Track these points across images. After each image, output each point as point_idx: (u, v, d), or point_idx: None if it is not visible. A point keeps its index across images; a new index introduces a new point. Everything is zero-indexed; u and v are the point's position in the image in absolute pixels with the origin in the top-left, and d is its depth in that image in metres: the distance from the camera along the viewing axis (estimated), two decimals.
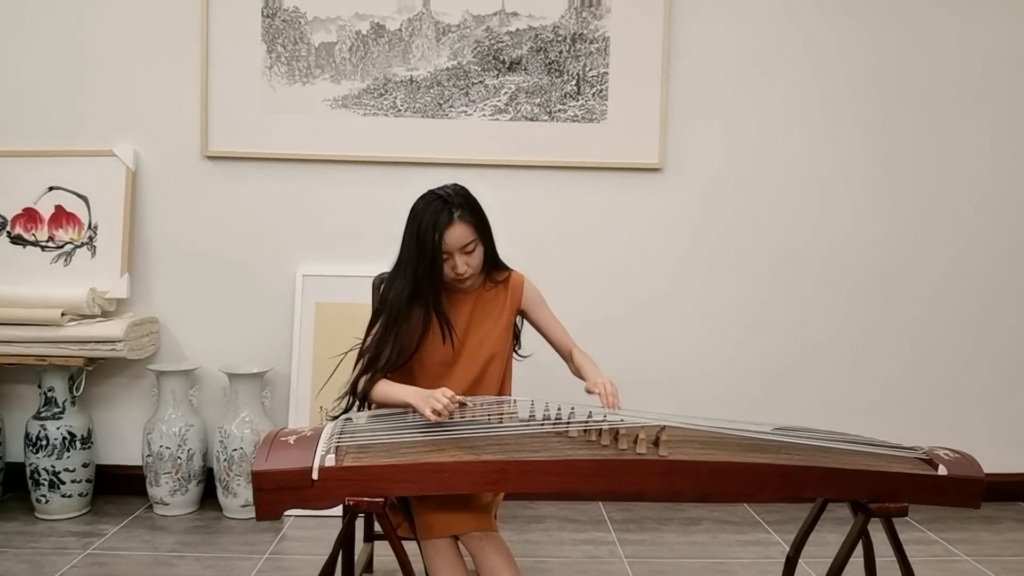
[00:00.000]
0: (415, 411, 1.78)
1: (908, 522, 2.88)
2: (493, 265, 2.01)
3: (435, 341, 1.94)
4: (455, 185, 1.94)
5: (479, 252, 1.92)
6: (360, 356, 1.95)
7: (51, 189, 2.96)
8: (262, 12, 2.94)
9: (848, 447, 1.78)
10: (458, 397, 1.78)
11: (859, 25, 3.05)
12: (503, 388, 2.03)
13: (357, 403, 1.94)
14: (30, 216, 2.96)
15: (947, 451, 1.81)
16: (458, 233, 1.87)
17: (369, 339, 1.95)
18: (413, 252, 1.88)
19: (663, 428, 1.69)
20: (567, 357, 2.05)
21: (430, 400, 1.73)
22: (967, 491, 1.72)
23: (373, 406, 1.94)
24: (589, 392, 1.87)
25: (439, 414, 1.72)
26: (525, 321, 2.10)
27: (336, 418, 1.87)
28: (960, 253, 3.14)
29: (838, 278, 3.12)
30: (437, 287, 1.91)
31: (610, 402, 1.80)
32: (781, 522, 2.92)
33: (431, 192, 1.92)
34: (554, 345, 2.07)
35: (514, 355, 2.09)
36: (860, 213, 3.11)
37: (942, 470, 1.71)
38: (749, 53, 3.04)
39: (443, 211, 1.86)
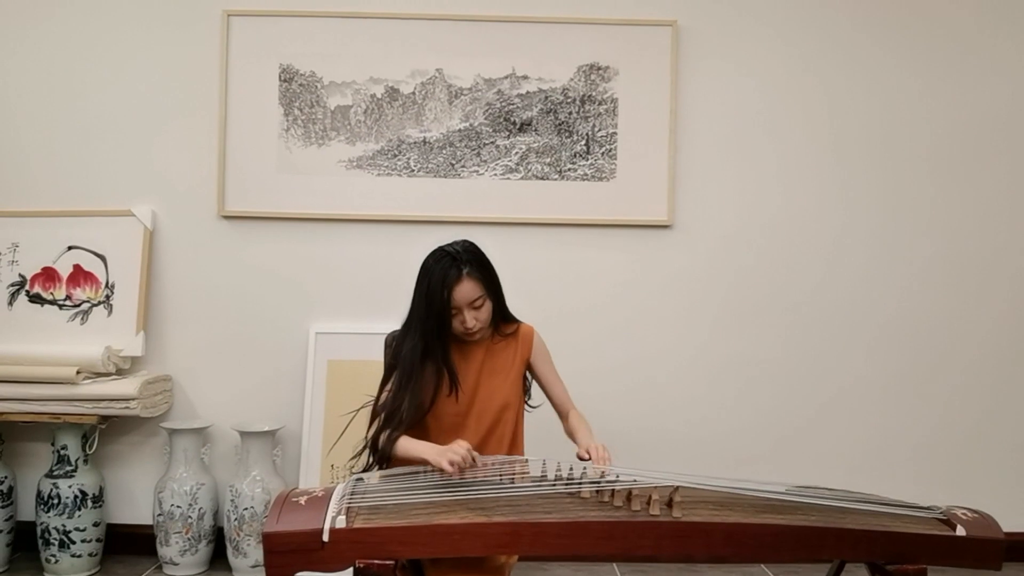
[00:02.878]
0: (430, 469, 1.79)
1: None
2: (502, 318, 2.05)
3: (447, 395, 1.96)
4: (464, 241, 1.99)
5: (487, 307, 1.96)
6: (375, 413, 1.96)
7: (70, 248, 3.02)
8: (279, 76, 3.02)
9: (864, 507, 1.76)
10: (473, 453, 1.79)
11: (867, 83, 3.10)
12: (515, 439, 2.03)
13: (378, 460, 1.94)
14: (49, 275, 3.01)
15: (965, 511, 1.78)
16: (467, 289, 1.91)
17: (384, 395, 1.96)
18: (423, 308, 1.92)
19: (676, 489, 1.68)
20: (563, 416, 2.07)
21: (447, 453, 1.75)
22: (986, 552, 1.69)
23: (391, 463, 1.94)
24: (580, 458, 1.88)
25: (455, 465, 1.73)
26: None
27: (357, 475, 1.88)
28: (973, 307, 3.13)
29: (848, 335, 3.11)
30: (446, 342, 1.94)
31: (601, 462, 1.82)
32: None
33: (440, 249, 1.96)
34: (553, 401, 2.09)
35: (525, 406, 2.10)
36: (870, 270, 3.12)
37: (960, 531, 1.68)
38: (756, 111, 3.09)
39: (452, 268, 1.91)
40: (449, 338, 1.95)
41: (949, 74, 3.11)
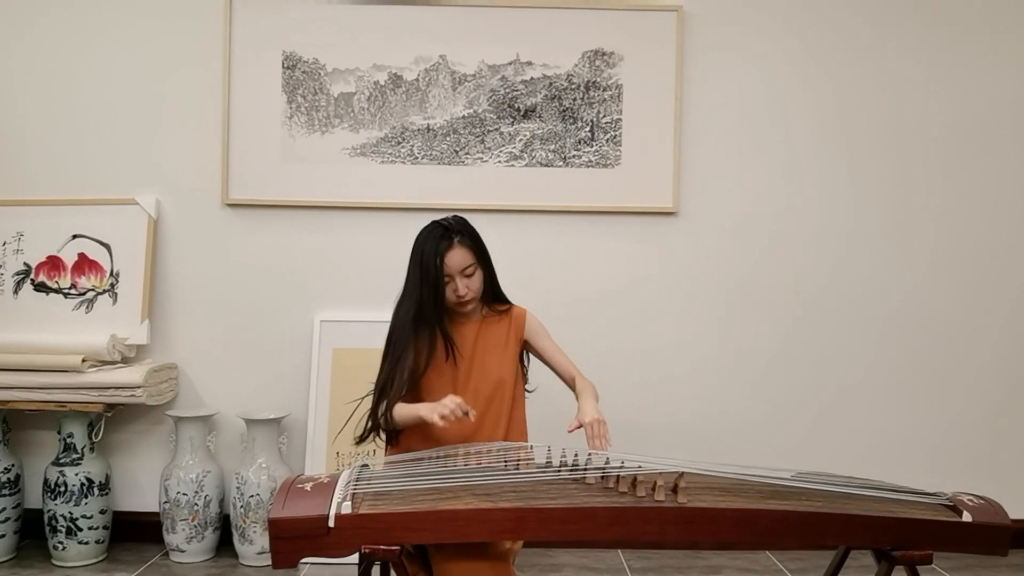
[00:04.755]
0: (435, 455, 1.79)
1: (934, 569, 2.81)
2: (494, 296, 2.10)
3: (442, 364, 2.00)
4: (455, 215, 2.06)
5: (479, 276, 2.02)
6: (376, 386, 2.01)
7: (75, 237, 3.02)
8: (283, 64, 3.01)
9: (870, 493, 1.76)
10: (464, 407, 1.83)
11: (874, 71, 3.07)
12: (513, 420, 2.05)
13: (382, 431, 1.99)
14: (54, 264, 3.01)
15: (971, 497, 1.78)
16: (458, 256, 1.97)
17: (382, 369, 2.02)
18: (417, 277, 1.98)
19: (681, 475, 1.68)
20: (571, 384, 2.10)
21: (437, 408, 1.81)
22: (993, 538, 1.69)
23: (398, 433, 1.99)
24: (573, 426, 1.89)
25: (446, 418, 1.79)
26: (531, 355, 2.15)
27: (361, 438, 1.97)
28: (983, 296, 3.11)
29: (855, 324, 3.10)
30: (440, 309, 1.99)
31: (596, 443, 1.83)
32: (804, 570, 2.86)
33: (433, 222, 2.04)
34: (558, 373, 2.12)
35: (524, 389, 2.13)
36: (879, 260, 3.10)
37: (966, 517, 1.68)
38: (762, 99, 3.08)
39: (443, 237, 1.98)
40: (444, 306, 2.00)
41: (956, 64, 3.08)
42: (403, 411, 1.93)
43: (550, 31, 3.01)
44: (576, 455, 1.80)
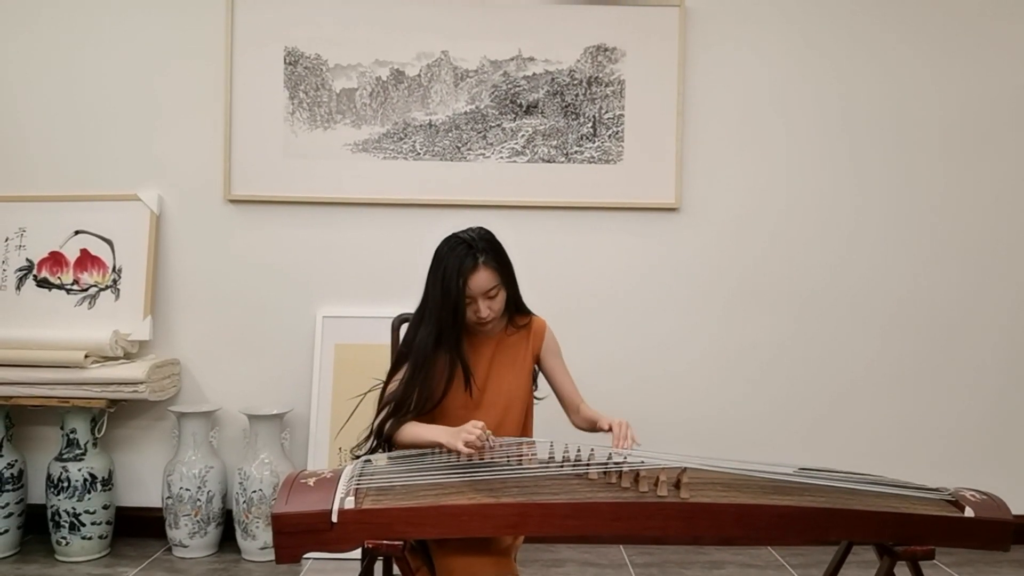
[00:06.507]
0: (443, 450, 1.78)
1: (936, 565, 2.82)
2: (515, 310, 2.01)
3: (458, 386, 1.93)
4: (479, 229, 1.94)
5: (502, 297, 1.92)
6: (384, 400, 1.94)
7: (77, 233, 3.02)
8: (285, 60, 3.01)
9: (872, 489, 1.76)
10: (488, 432, 1.76)
11: (877, 64, 3.07)
12: (525, 432, 2.02)
13: (382, 446, 1.93)
14: (56, 260, 3.02)
15: (973, 492, 1.78)
16: (482, 279, 1.87)
17: (394, 383, 1.94)
18: (438, 297, 1.88)
19: (684, 470, 1.68)
20: (572, 411, 2.02)
21: (461, 434, 1.72)
22: (995, 534, 1.69)
23: (396, 449, 1.94)
24: (604, 429, 1.85)
25: (472, 446, 1.71)
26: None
27: (358, 457, 1.88)
28: (987, 290, 3.11)
29: (857, 321, 3.10)
30: (459, 332, 1.91)
31: (621, 443, 1.78)
32: (806, 565, 2.86)
33: (456, 236, 1.92)
34: (561, 397, 2.04)
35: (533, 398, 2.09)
36: (882, 254, 3.10)
37: (968, 512, 1.68)
38: (764, 94, 3.07)
39: (468, 256, 1.86)
40: (463, 328, 1.92)
41: (960, 56, 3.08)
42: (414, 431, 1.85)
43: (552, 26, 3.01)
44: (579, 450, 1.80)
